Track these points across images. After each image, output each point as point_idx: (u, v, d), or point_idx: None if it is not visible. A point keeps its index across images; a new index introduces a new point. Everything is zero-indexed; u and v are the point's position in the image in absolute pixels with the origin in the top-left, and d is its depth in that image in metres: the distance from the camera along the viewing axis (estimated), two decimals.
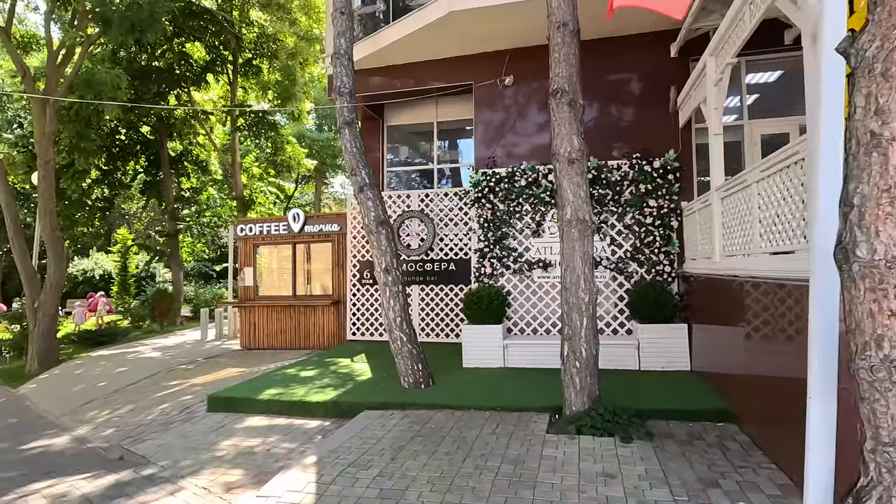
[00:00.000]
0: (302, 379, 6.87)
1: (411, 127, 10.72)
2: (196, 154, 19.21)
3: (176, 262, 18.23)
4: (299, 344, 10.52)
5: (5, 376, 9.81)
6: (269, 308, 10.77)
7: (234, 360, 9.59)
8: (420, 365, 6.11)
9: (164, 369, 8.99)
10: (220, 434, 5.27)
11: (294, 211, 10.67)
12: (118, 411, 6.69)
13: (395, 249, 6.20)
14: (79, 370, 9.61)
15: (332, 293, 10.47)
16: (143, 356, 10.75)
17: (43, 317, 9.79)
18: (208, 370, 8.69)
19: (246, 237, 11.03)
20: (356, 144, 6.27)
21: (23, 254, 9.87)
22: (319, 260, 10.79)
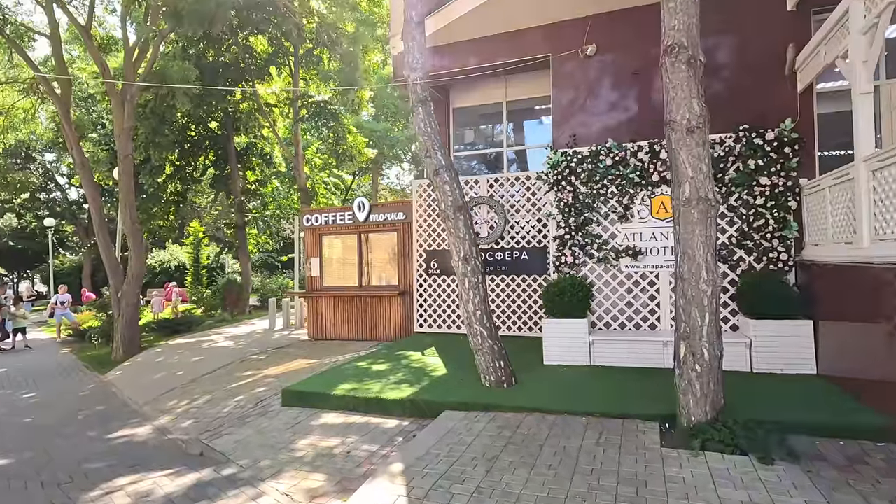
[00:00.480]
0: (374, 373, 6.58)
1: (478, 108, 10.16)
2: (261, 147, 19.62)
3: (244, 254, 18.76)
4: (366, 335, 10.34)
5: (94, 362, 10.31)
6: (335, 298, 10.66)
7: (302, 350, 9.54)
8: (502, 362, 5.62)
9: (236, 359, 9.06)
10: (296, 431, 5.04)
11: (359, 200, 10.45)
12: (196, 402, 6.69)
13: (475, 237, 5.71)
14: (159, 358, 9.92)
15: (397, 283, 10.19)
16: (216, 345, 10.98)
17: (126, 306, 10.18)
18: (279, 361, 8.65)
19: (312, 227, 10.95)
20: (430, 124, 5.81)
21: (107, 246, 10.29)
22: (384, 249, 10.53)
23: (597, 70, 7.58)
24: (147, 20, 10.28)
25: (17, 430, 6.14)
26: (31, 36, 11.24)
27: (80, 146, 10.26)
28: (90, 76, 16.11)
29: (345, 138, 15.43)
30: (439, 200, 5.72)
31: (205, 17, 9.64)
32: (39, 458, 5.13)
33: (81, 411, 6.85)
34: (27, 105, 13.96)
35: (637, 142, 6.92)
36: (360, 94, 14.97)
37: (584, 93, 7.64)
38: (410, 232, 9.96)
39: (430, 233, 9.61)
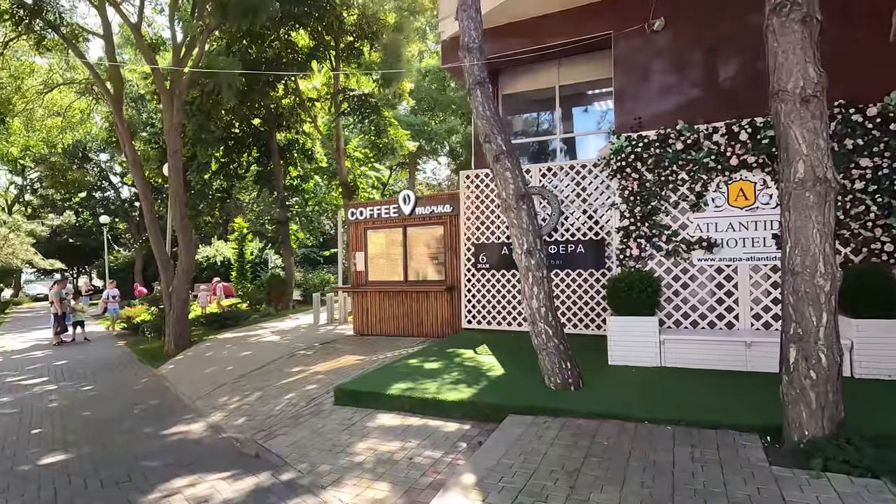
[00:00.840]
0: (427, 372, 6.28)
1: (529, 95, 9.70)
2: (302, 143, 19.72)
3: (287, 249, 18.92)
4: (412, 331, 10.09)
5: (147, 356, 10.50)
6: (380, 293, 10.46)
7: (349, 346, 9.37)
8: (569, 363, 5.20)
9: (285, 354, 8.97)
10: (352, 433, 4.79)
11: (404, 193, 10.18)
12: (247, 398, 6.58)
13: (539, 228, 5.30)
14: (208, 353, 9.98)
15: (444, 278, 9.87)
16: (263, 340, 10.99)
17: (176, 301, 10.30)
18: (327, 357, 8.50)
19: (356, 221, 10.77)
20: (489, 107, 5.42)
21: (158, 242, 10.45)
22: (431, 243, 10.23)
23: (664, 46, 6.99)
24: (194, 16, 10.31)
25: (78, 424, 6.18)
26: (84, 36, 11.54)
27: (132, 144, 10.43)
28: (139, 77, 16.53)
29: (386, 131, 15.23)
30: (500, 189, 5.33)
31: (249, 9, 9.56)
32: (98, 453, 5.09)
33: (137, 405, 6.87)
34: (82, 106, 14.43)
35: (712, 123, 6.31)
36: (402, 86, 14.70)
37: (650, 72, 7.07)
38: (457, 225, 9.62)
39: (479, 225, 9.24)
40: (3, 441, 5.61)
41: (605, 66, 8.69)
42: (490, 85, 5.61)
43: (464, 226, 9.37)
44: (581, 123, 10.06)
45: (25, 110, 12.61)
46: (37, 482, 4.46)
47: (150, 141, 17.28)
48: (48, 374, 9.24)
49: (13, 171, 28.94)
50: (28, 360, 11.08)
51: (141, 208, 33.17)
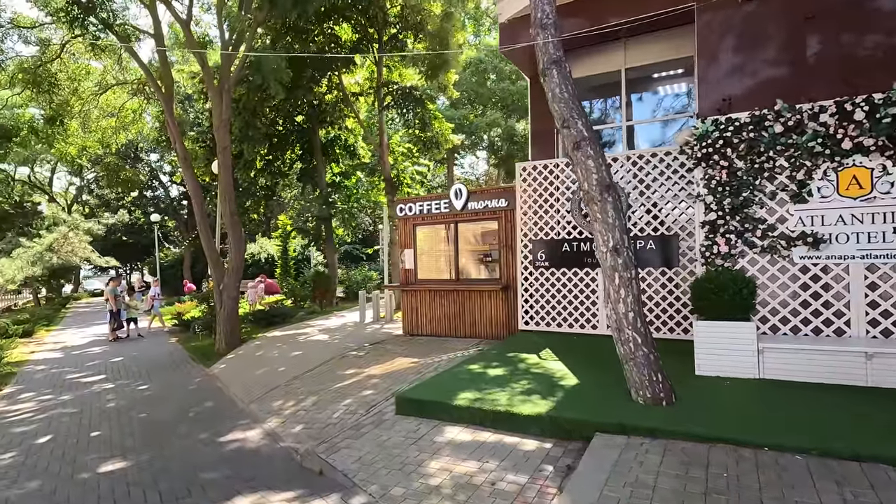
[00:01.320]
0: (493, 380, 5.80)
1: (589, 80, 9.04)
2: (344, 138, 19.58)
3: (330, 246, 18.86)
4: (464, 332, 9.65)
5: (199, 354, 10.50)
6: (430, 292, 10.06)
7: (400, 347, 9.02)
8: (660, 375, 4.62)
9: (335, 355, 8.71)
10: (421, 449, 4.37)
11: (456, 186, 9.72)
12: (303, 403, 6.30)
13: (626, 223, 4.72)
14: (259, 352, 9.86)
15: (499, 277, 9.37)
16: (312, 339, 10.81)
17: (227, 299, 10.24)
18: (380, 358, 8.17)
19: (405, 217, 10.40)
20: (567, 88, 4.87)
21: (208, 239, 10.42)
22: (485, 240, 9.74)
23: (756, 18, 6.22)
24: (241, 10, 10.16)
25: (136, 426, 6.06)
26: (137, 35, 11.66)
27: (182, 141, 10.43)
28: (187, 77, 16.75)
29: (431, 124, 14.83)
30: (581, 180, 4.78)
31: (297, 0, 9.31)
32: (156, 461, 4.89)
33: (192, 408, 6.71)
34: (134, 106, 14.69)
35: (818, 101, 5.53)
36: (448, 77, 14.24)
37: (740, 47, 6.31)
38: (513, 220, 9.09)
39: (537, 221, 8.68)
40: (63, 444, 5.51)
41: (677, 44, 7.96)
42: (567, 64, 5.04)
43: (520, 221, 8.83)
44: (646, 110, 9.35)
45: (82, 111, 12.92)
46: (96, 492, 4.28)
47: (198, 140, 17.51)
48: (106, 372, 9.33)
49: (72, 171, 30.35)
50: (87, 356, 11.31)
51: (189, 206, 34.25)
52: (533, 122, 9.38)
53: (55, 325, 18.28)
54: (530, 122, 9.36)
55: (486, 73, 27.91)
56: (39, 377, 9.14)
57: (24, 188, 29.80)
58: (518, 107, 27.06)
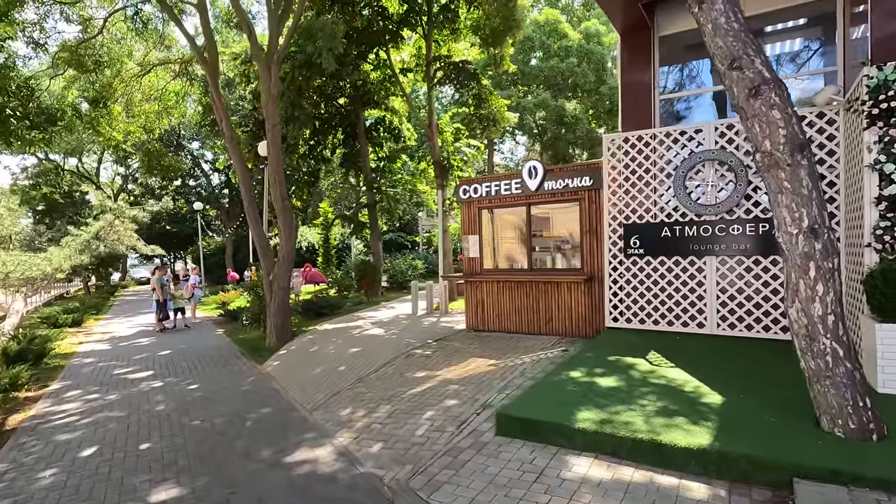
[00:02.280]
0: (609, 393, 4.73)
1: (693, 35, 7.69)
2: (389, 121, 18.64)
3: (375, 233, 18.05)
4: (538, 328, 8.58)
5: (248, 348, 9.83)
6: (498, 284, 9.02)
7: (470, 345, 8.04)
8: (867, 399, 3.43)
9: (399, 353, 7.81)
10: (552, 490, 3.36)
11: (531, 164, 8.59)
12: (375, 414, 5.39)
13: (822, 196, 3.52)
14: (312, 347, 9.07)
15: (580, 266, 8.23)
16: (367, 333, 9.97)
17: (277, 290, 9.49)
18: (450, 358, 7.21)
19: (469, 200, 9.36)
20: (736, 17, 3.66)
21: (257, 225, 9.69)
22: (564, 224, 8.62)
23: None
24: None
25: (189, 436, 5.30)
26: (181, 7, 10.98)
27: (228, 119, 9.68)
28: (229, 58, 16.10)
29: (487, 100, 13.67)
30: (759, 138, 3.58)
31: None
32: (214, 487, 4.06)
33: (249, 414, 5.92)
34: (177, 88, 14.13)
35: None
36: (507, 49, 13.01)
37: None
38: (599, 201, 7.92)
39: (629, 202, 7.48)
40: (110, 459, 4.78)
41: None
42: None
43: (608, 202, 7.65)
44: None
45: (125, 94, 12.41)
46: None
47: (240, 124, 16.90)
48: (153, 367, 8.74)
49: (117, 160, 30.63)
50: (134, 348, 10.84)
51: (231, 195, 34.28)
52: (624, 88, 8.13)
53: (103, 314, 18.24)
54: (621, 89, 8.11)
55: (532, 50, 26.41)
56: (87, 371, 8.62)
57: (73, 178, 30.39)
58: (566, 86, 25.50)
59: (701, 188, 6.96)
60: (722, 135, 6.79)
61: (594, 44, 24.46)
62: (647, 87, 7.86)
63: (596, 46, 24.45)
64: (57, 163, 29.43)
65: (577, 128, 24.11)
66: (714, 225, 6.85)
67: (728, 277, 6.78)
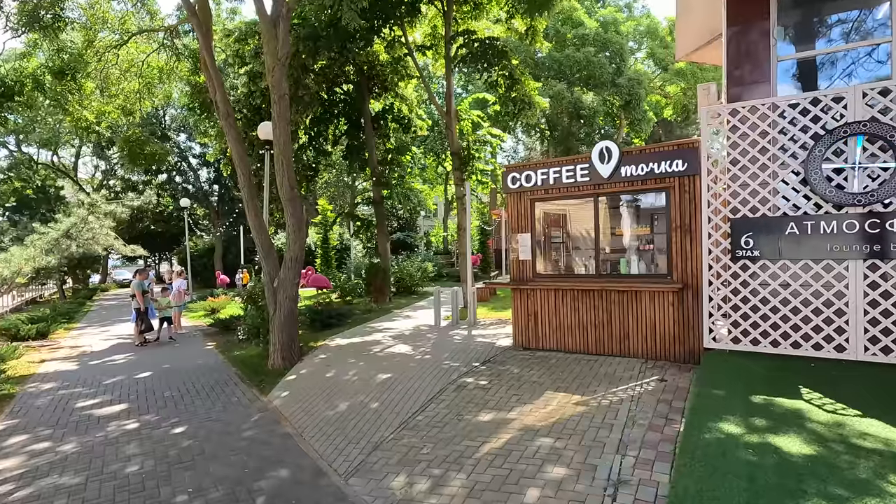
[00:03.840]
0: (815, 468, 3.10)
1: None
2: (398, 108, 16.93)
3: (383, 232, 16.31)
4: (610, 347, 6.95)
5: (248, 370, 8.05)
6: (557, 292, 7.38)
7: (530, 369, 6.39)
8: None
9: (445, 383, 6.13)
10: None
11: (602, 145, 6.96)
12: (447, 488, 3.70)
13: None
14: (328, 370, 7.33)
15: (667, 272, 6.62)
16: (391, 350, 8.27)
17: (284, 299, 7.74)
18: (517, 392, 5.55)
19: (520, 190, 7.71)
20: None
21: (257, 217, 7.94)
22: (645, 219, 7.02)
23: None
24: None
25: None
26: None
27: (223, 90, 7.92)
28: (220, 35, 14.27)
29: (520, 81, 12.03)
30: None
31: None
32: None
33: (258, 482, 4.19)
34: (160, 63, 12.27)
35: None
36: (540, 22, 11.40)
37: None
38: (695, 191, 6.32)
39: (738, 190, 5.87)
40: None
41: None
42: None
43: (708, 192, 6.03)
44: None
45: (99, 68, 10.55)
46: None
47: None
48: (128, 397, 6.94)
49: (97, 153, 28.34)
50: (107, 368, 9.00)
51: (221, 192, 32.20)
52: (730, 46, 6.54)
53: (76, 323, 16.23)
54: (726, 46, 6.52)
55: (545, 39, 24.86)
56: (42, 404, 6.79)
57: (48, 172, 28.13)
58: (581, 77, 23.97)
59: (844, 172, 5.39)
60: (873, 102, 5.23)
61: (612, 32, 23.00)
62: (760, 45, 6.29)
63: (613, 35, 22.99)
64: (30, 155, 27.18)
65: (594, 122, 22.61)
66: (862, 219, 5.28)
67: (881, 287, 5.21)
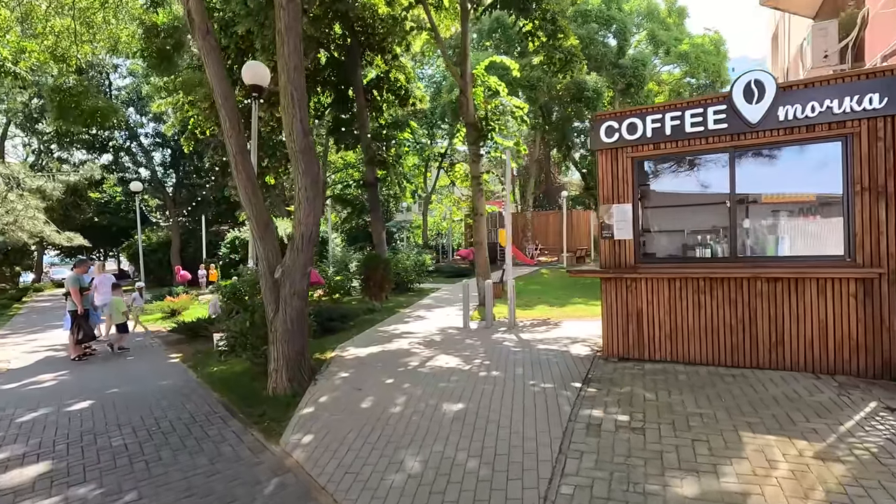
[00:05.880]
0: None
1: None
2: (395, 78, 14.66)
3: (378, 219, 14.02)
4: (754, 357, 5.08)
5: (236, 395, 5.67)
6: (674, 282, 5.44)
7: (665, 392, 4.41)
8: None
9: (562, 419, 4.05)
10: None
11: (751, 77, 5.03)
12: None
13: None
14: (363, 401, 5.06)
15: (847, 253, 4.79)
16: (437, 365, 6.11)
17: (290, 295, 5.43)
18: (686, 432, 3.56)
19: (618, 144, 5.71)
20: None
21: (250, 183, 5.57)
22: (807, 181, 5.15)
23: None
24: None
25: None
26: None
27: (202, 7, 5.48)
28: None
29: (565, 31, 10.04)
30: None
31: None
32: None
33: None
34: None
35: None
36: None
37: None
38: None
39: None
40: None
41: None
42: None
43: None
44: None
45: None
46: None
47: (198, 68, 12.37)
48: (52, 448, 4.49)
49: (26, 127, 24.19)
50: (26, 395, 6.40)
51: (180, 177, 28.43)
52: None
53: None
54: None
55: None
56: None
57: None
58: None
59: None
60: None
61: (615, 9, 21.46)
62: None
63: (616, 12, 21.46)
64: None
65: (597, 105, 21.01)
66: None
67: None
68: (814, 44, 6.53)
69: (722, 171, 5.32)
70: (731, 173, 5.25)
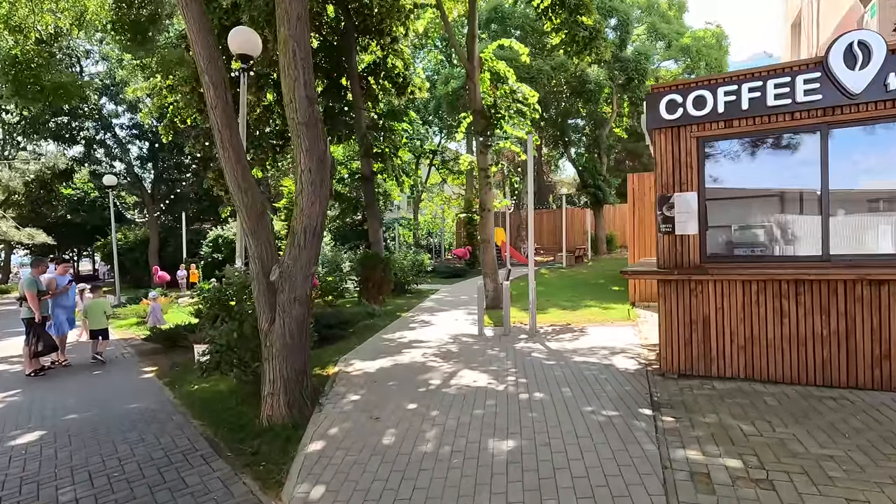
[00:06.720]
0: None
1: None
2: (391, 65, 13.65)
3: (374, 215, 13.00)
4: (851, 376, 4.25)
5: (222, 424, 4.63)
6: (748, 285, 4.58)
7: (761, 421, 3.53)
8: None
9: (649, 467, 3.14)
10: None
11: (853, 37, 4.18)
12: None
13: None
14: (379, 432, 4.09)
15: None
16: (463, 384, 5.17)
17: (290, 301, 4.44)
18: (830, 486, 2.66)
19: (679, 122, 4.83)
20: None
21: (240, 164, 4.54)
22: None
23: None
24: None
25: None
26: None
27: None
28: None
29: (588, 5, 9.17)
30: None
31: None
32: None
33: None
34: None
35: None
36: None
37: None
38: None
39: None
40: None
41: None
42: None
43: None
44: None
45: None
46: None
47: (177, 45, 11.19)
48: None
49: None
50: None
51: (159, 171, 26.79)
52: None
53: None
54: None
55: None
56: None
57: None
58: None
59: None
60: None
61: (616, 0, 20.74)
62: None
63: (618, 3, 20.74)
64: None
65: (598, 98, 20.27)
66: None
67: None
68: (881, 15, 5.73)
69: (811, 152, 4.46)
70: (824, 155, 4.40)
